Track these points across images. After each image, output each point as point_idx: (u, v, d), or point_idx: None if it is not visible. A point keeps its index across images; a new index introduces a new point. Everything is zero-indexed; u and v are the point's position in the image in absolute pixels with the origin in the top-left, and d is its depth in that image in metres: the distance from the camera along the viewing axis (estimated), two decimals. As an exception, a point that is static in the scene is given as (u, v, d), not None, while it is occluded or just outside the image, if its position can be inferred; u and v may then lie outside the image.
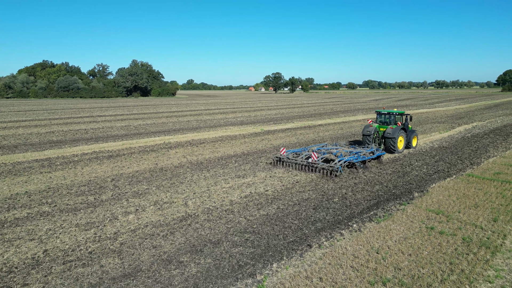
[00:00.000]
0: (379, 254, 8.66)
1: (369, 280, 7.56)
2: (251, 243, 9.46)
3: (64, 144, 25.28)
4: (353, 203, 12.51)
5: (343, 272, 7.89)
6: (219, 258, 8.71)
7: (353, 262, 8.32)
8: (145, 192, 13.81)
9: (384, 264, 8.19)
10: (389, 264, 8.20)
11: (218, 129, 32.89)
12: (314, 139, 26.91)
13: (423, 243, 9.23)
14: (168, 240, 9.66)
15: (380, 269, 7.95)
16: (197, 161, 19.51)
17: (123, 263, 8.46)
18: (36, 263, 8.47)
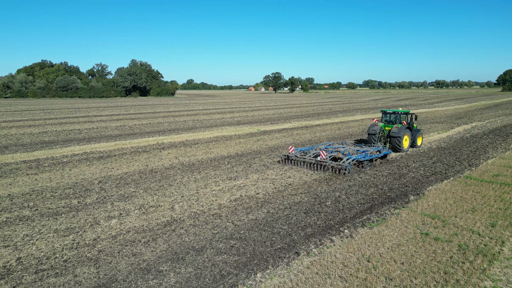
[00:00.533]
0: (370, 262, 8.21)
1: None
2: (236, 250, 9.00)
3: (56, 144, 24.82)
4: (346, 207, 12.04)
5: (331, 283, 7.43)
6: (201, 267, 8.25)
7: (342, 271, 7.86)
8: (131, 195, 13.34)
9: (374, 273, 7.73)
10: (380, 273, 7.74)
11: (213, 129, 32.42)
12: (310, 139, 26.46)
13: (416, 251, 8.77)
14: (149, 247, 9.19)
15: (370, 279, 7.49)
16: (189, 163, 19.04)
17: (98, 273, 8.00)
18: (7, 272, 8.01)
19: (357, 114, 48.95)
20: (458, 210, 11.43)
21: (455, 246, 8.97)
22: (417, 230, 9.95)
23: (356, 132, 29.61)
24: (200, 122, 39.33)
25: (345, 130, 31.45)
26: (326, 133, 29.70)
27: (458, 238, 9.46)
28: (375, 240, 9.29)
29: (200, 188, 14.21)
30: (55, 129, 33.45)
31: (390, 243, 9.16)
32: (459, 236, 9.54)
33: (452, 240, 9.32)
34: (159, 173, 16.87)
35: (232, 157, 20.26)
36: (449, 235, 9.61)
